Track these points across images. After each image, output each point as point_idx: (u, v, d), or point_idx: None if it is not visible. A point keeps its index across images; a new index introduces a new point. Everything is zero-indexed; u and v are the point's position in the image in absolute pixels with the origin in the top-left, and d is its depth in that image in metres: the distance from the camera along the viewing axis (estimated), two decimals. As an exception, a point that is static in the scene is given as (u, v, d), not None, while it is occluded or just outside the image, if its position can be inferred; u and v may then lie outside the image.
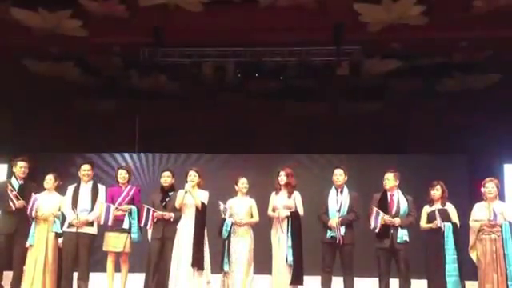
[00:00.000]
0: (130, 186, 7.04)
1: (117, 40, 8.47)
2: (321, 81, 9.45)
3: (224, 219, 6.70)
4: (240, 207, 6.81)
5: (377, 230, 6.44)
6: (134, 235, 6.79)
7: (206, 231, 6.61)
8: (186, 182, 6.67)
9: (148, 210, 6.74)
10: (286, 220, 6.61)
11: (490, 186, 6.41)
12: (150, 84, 9.52)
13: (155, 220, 6.76)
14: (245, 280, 6.60)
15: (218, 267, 6.67)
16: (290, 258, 6.47)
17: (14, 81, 9.20)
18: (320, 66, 8.78)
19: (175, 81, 9.57)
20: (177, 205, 6.64)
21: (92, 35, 8.06)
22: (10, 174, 7.12)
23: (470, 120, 9.40)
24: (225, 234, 6.66)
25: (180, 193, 6.66)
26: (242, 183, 6.92)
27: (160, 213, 6.75)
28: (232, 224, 6.70)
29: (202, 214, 6.58)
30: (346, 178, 6.82)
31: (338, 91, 9.87)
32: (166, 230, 6.75)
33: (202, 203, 6.58)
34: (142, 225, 6.78)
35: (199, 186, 6.71)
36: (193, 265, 6.40)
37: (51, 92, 9.58)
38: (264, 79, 9.54)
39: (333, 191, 6.80)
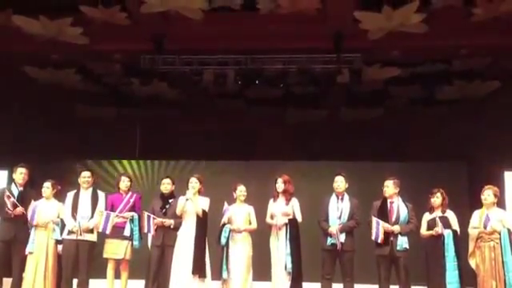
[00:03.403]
0: (130, 193, 7.05)
1: (117, 47, 8.48)
2: (321, 88, 9.45)
3: (223, 226, 6.70)
4: (238, 214, 6.81)
5: (379, 241, 6.42)
6: (136, 242, 6.79)
7: (206, 238, 6.61)
8: (187, 188, 6.67)
9: (148, 216, 6.74)
10: (284, 227, 6.61)
11: (486, 193, 6.42)
12: (150, 91, 9.52)
13: (155, 227, 6.76)
14: (244, 287, 6.58)
15: (217, 274, 6.66)
16: (289, 265, 6.47)
17: (14, 87, 9.21)
18: (320, 74, 8.78)
19: (175, 88, 9.58)
20: (178, 212, 6.64)
21: (93, 42, 8.06)
22: (10, 180, 7.10)
23: (470, 127, 9.39)
24: (223, 241, 6.65)
25: (181, 200, 6.65)
26: (240, 191, 6.93)
27: (160, 220, 6.75)
28: (230, 231, 6.69)
29: (203, 221, 6.57)
30: (347, 185, 6.83)
31: (339, 98, 9.88)
32: (166, 237, 6.76)
33: (203, 210, 6.58)
34: (146, 231, 6.77)
35: (200, 192, 6.71)
36: (194, 272, 6.38)
37: (52, 99, 9.59)
38: (264, 86, 9.55)
39: (333, 198, 6.80)
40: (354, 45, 8.16)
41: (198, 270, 6.39)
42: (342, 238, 6.57)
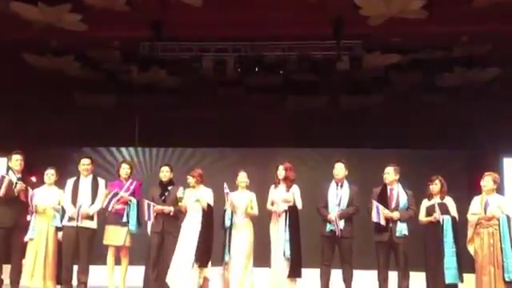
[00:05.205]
0: (131, 180, 7.05)
1: (116, 34, 8.45)
2: (321, 75, 9.43)
3: (225, 210, 6.74)
4: (240, 201, 6.84)
5: (382, 223, 6.45)
6: (132, 227, 6.79)
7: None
8: (187, 179, 6.77)
9: (148, 204, 6.76)
10: (284, 214, 6.64)
11: (485, 180, 6.42)
12: (149, 78, 9.50)
13: (155, 214, 6.78)
14: (244, 273, 6.64)
15: (217, 260, 6.70)
16: (288, 252, 6.52)
17: (13, 75, 9.18)
18: (320, 60, 8.76)
19: (175, 75, 9.55)
20: (183, 208, 6.71)
21: (91, 29, 8.03)
22: (7, 168, 7.08)
23: (469, 114, 9.39)
24: (227, 223, 6.71)
25: (180, 191, 6.69)
26: (241, 177, 6.96)
27: (160, 207, 6.77)
28: (233, 215, 6.72)
29: (209, 214, 6.64)
30: (347, 172, 6.83)
31: (338, 85, 9.86)
32: (166, 224, 6.80)
33: (208, 205, 6.65)
34: (146, 219, 6.79)
35: (202, 182, 6.77)
36: (197, 261, 6.46)
37: (51, 86, 9.56)
38: (264, 73, 9.52)
39: (333, 185, 6.81)
40: (354, 31, 8.13)
41: (203, 261, 6.48)
42: (341, 224, 6.58)
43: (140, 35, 8.30)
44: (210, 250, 6.59)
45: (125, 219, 6.79)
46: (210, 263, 6.61)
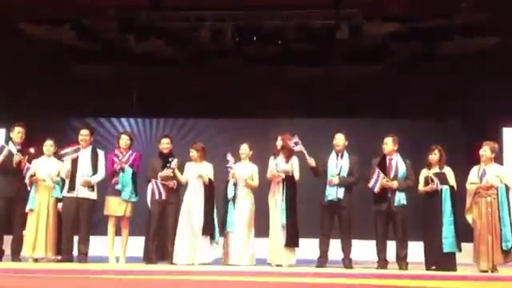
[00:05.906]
0: (130, 152, 7.01)
1: (112, 2, 8.32)
2: (320, 44, 9.34)
3: (228, 181, 6.80)
4: (242, 172, 6.85)
5: (376, 190, 6.48)
6: (124, 194, 6.70)
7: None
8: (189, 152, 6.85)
9: (156, 183, 6.75)
10: (281, 184, 6.67)
11: (484, 149, 6.44)
12: (147, 48, 9.40)
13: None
14: (245, 242, 6.71)
15: (220, 230, 6.78)
16: (284, 221, 6.58)
17: (11, 45, 9.08)
18: (319, 30, 8.67)
19: (173, 45, 9.44)
20: (183, 180, 6.78)
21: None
22: (8, 139, 7.06)
23: (469, 83, 9.35)
24: (230, 194, 6.75)
25: (174, 162, 6.74)
26: (241, 149, 6.96)
27: (165, 183, 6.77)
28: (235, 186, 6.76)
29: (210, 189, 6.75)
30: (347, 143, 6.83)
31: (338, 55, 9.77)
32: (167, 195, 6.80)
33: (210, 180, 6.74)
34: (157, 197, 6.77)
35: (203, 158, 6.84)
36: (204, 233, 6.61)
37: (48, 56, 9.46)
38: (262, 43, 9.43)
39: (333, 155, 6.82)
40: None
41: (208, 230, 6.63)
42: (341, 193, 6.61)
43: (137, 3, 8.17)
44: (213, 221, 6.71)
45: (118, 188, 6.76)
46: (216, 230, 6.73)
